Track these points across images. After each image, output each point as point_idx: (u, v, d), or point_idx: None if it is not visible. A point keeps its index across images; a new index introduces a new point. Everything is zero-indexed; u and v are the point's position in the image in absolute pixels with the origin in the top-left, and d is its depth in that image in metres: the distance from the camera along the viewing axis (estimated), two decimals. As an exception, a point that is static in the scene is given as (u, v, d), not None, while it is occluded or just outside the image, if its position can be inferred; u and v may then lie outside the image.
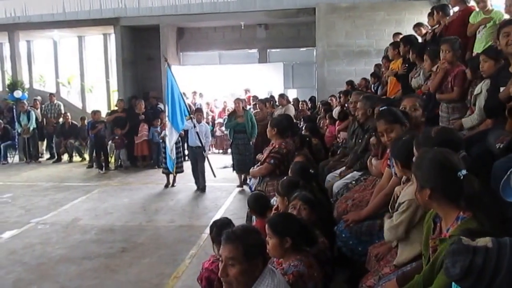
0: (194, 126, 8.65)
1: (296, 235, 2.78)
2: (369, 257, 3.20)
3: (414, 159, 2.44)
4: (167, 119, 8.53)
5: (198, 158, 8.90)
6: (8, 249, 6.13)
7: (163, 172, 9.39)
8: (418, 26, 8.11)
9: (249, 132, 8.99)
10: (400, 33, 8.66)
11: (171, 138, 8.41)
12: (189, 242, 6.18)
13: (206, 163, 8.93)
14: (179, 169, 9.22)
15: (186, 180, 9.37)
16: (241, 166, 9.00)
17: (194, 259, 5.55)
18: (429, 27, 7.43)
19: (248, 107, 12.63)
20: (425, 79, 5.32)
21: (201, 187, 8.94)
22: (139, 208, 7.80)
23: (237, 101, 9.41)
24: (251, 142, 9.15)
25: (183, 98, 8.69)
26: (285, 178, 4.04)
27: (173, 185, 9.33)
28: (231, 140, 9.36)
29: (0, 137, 13.61)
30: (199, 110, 9.46)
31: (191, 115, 8.80)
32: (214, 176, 8.92)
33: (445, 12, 6.47)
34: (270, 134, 5.29)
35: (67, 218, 7.42)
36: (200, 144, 8.64)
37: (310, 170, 4.35)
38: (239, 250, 2.31)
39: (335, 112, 8.02)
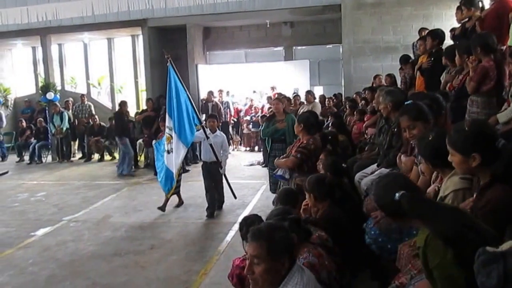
0: (207, 137, 7.10)
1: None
2: (399, 255, 3.15)
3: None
4: (172, 130, 7.02)
5: (214, 176, 7.32)
6: (42, 246, 6.33)
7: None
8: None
9: (289, 142, 6.72)
10: (426, 28, 8.53)
11: (178, 154, 6.94)
12: (217, 239, 6.25)
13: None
14: (177, 189, 7.73)
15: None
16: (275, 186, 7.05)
17: (222, 256, 5.61)
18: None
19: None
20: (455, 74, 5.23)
21: (216, 205, 7.45)
22: (168, 206, 7.90)
23: (276, 101, 7.55)
24: None
25: (191, 103, 7.14)
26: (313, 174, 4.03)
27: (163, 209, 7.49)
28: (268, 151, 7.57)
29: (35, 137, 14.04)
30: (212, 117, 7.79)
31: (202, 124, 7.37)
32: (235, 197, 7.48)
33: (474, 6, 6.34)
34: (297, 130, 5.27)
35: (98, 215, 7.60)
36: (215, 159, 7.17)
37: (343, 165, 4.33)
38: (264, 248, 2.29)
39: (369, 107, 7.88)
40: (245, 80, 14.43)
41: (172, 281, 5.04)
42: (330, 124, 7.97)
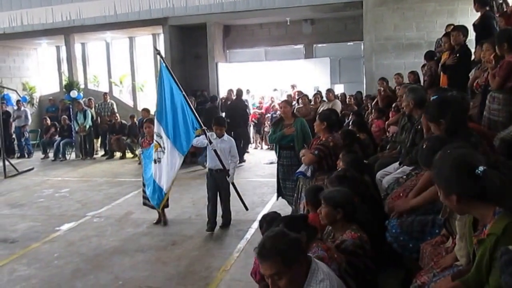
0: (210, 143, 6.27)
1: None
2: (422, 254, 3.14)
3: (432, 168, 2.33)
4: (162, 137, 6.17)
5: (219, 185, 6.58)
6: (67, 241, 6.47)
7: (144, 204, 7.05)
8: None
9: (299, 149, 6.08)
10: (453, 24, 8.43)
11: (173, 164, 6.06)
12: (237, 236, 6.31)
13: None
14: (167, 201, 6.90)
15: (236, 176, 9.42)
16: (287, 197, 6.63)
17: (242, 253, 5.67)
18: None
19: (293, 103, 12.67)
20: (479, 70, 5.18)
21: (223, 222, 6.70)
22: (188, 203, 7.99)
23: (284, 103, 6.86)
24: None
25: (189, 105, 6.19)
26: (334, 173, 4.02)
27: (164, 223, 6.96)
28: (276, 158, 6.91)
29: (59, 135, 14.31)
30: (218, 124, 6.68)
31: (204, 128, 6.29)
32: (246, 209, 6.71)
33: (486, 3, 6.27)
34: (319, 128, 5.24)
35: (120, 212, 7.73)
36: (221, 166, 6.37)
37: (364, 161, 4.31)
38: (278, 263, 2.24)
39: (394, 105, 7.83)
40: (265, 79, 14.43)
41: (193, 277, 5.11)
42: (350, 123, 7.94)
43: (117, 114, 13.89)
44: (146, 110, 12.33)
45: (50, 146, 14.39)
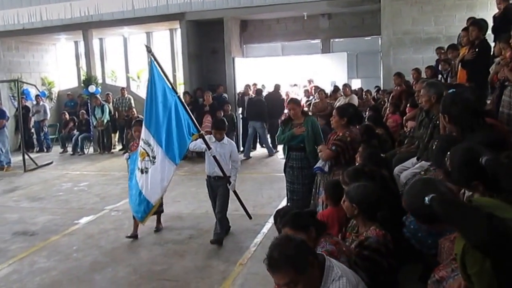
0: (209, 148, 5.75)
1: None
2: (440, 249, 3.12)
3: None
4: (151, 144, 5.57)
5: (218, 193, 6.06)
6: (85, 234, 6.57)
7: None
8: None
9: (309, 150, 5.77)
10: (474, 18, 8.32)
11: (164, 175, 5.55)
12: (254, 231, 6.33)
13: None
14: (162, 207, 6.53)
15: (250, 170, 9.51)
16: (296, 203, 5.87)
17: (259, 247, 5.70)
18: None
19: (310, 97, 12.67)
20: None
21: (218, 232, 5.95)
22: (205, 197, 7.94)
23: (292, 104, 6.04)
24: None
25: (185, 108, 5.66)
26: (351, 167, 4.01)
27: (157, 229, 6.57)
28: (284, 161, 6.31)
29: (78, 129, 14.49)
30: (218, 129, 6.10)
31: (202, 132, 5.83)
32: (250, 217, 6.25)
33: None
34: (338, 123, 5.14)
35: (139, 206, 7.79)
36: (220, 173, 5.88)
37: (381, 155, 4.28)
38: (289, 272, 2.21)
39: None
40: (282, 73, 14.39)
41: (210, 270, 5.15)
42: (367, 118, 7.89)
43: (134, 109, 13.99)
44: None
45: (69, 141, 14.59)
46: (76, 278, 5.18)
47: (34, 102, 15.29)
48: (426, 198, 2.06)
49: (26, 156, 11.87)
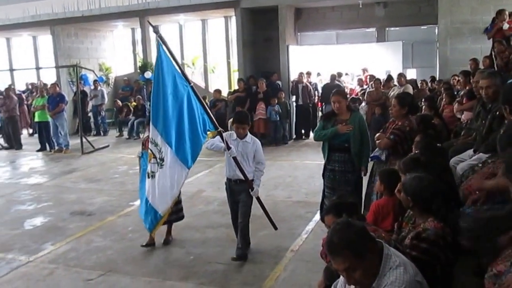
0: (228, 148, 4.89)
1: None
2: (498, 244, 3.02)
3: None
4: (158, 144, 4.76)
5: (240, 199, 5.18)
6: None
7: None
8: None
9: (355, 152, 5.13)
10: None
11: (174, 181, 4.76)
12: (306, 218, 6.32)
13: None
14: (176, 215, 5.59)
15: (303, 158, 9.45)
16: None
17: (311, 235, 5.69)
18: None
19: (364, 86, 12.43)
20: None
21: (240, 247, 5.13)
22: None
23: (337, 96, 5.18)
24: (362, 174, 5.30)
25: (200, 100, 4.84)
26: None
27: (166, 242, 5.72)
28: (324, 162, 5.43)
29: (134, 114, 14.87)
30: (240, 122, 5.13)
31: (220, 129, 4.92)
32: (275, 228, 5.39)
33: None
34: (398, 113, 5.00)
35: (192, 189, 7.92)
36: (241, 176, 5.01)
37: (438, 145, 4.17)
38: (349, 256, 2.19)
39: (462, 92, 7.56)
40: (336, 62, 14.21)
41: (262, 255, 5.20)
42: (422, 108, 7.70)
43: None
44: (218, 91, 12.57)
45: (125, 125, 14.99)
46: (131, 258, 5.34)
47: (92, 87, 15.82)
48: None
49: (83, 139, 12.31)
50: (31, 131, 15.89)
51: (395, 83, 11.14)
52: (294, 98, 13.15)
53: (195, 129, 4.74)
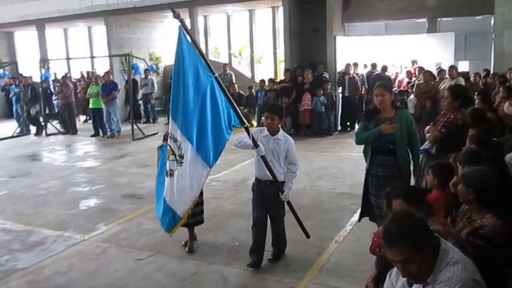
0: (255, 146, 4.53)
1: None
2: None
3: None
4: (178, 140, 4.34)
5: (268, 203, 4.86)
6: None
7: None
8: None
9: (401, 154, 4.63)
10: None
11: (194, 180, 4.37)
12: (350, 210, 6.34)
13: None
14: (193, 219, 5.11)
15: (348, 150, 9.42)
16: (378, 219, 4.71)
17: (355, 227, 5.69)
18: None
19: (413, 79, 12.19)
20: None
21: (274, 252, 5.02)
22: (302, 173, 8.07)
23: (380, 89, 4.65)
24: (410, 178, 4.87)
25: (224, 92, 4.49)
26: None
27: (190, 249, 5.36)
28: (367, 166, 4.88)
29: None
30: (271, 111, 4.68)
31: (247, 125, 4.63)
32: (307, 236, 5.06)
33: None
34: (450, 105, 4.84)
35: (237, 177, 8.10)
36: (271, 177, 4.64)
37: (495, 140, 4.06)
38: (406, 248, 2.09)
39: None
40: (384, 53, 13.97)
41: (306, 245, 5.24)
42: (475, 101, 7.51)
43: (235, 85, 14.36)
44: (263, 81, 12.65)
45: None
46: (179, 242, 5.51)
47: (143, 76, 16.24)
48: None
49: (134, 126, 12.72)
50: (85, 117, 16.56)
51: (446, 75, 10.89)
52: (340, 89, 13.08)
53: (219, 124, 4.36)
